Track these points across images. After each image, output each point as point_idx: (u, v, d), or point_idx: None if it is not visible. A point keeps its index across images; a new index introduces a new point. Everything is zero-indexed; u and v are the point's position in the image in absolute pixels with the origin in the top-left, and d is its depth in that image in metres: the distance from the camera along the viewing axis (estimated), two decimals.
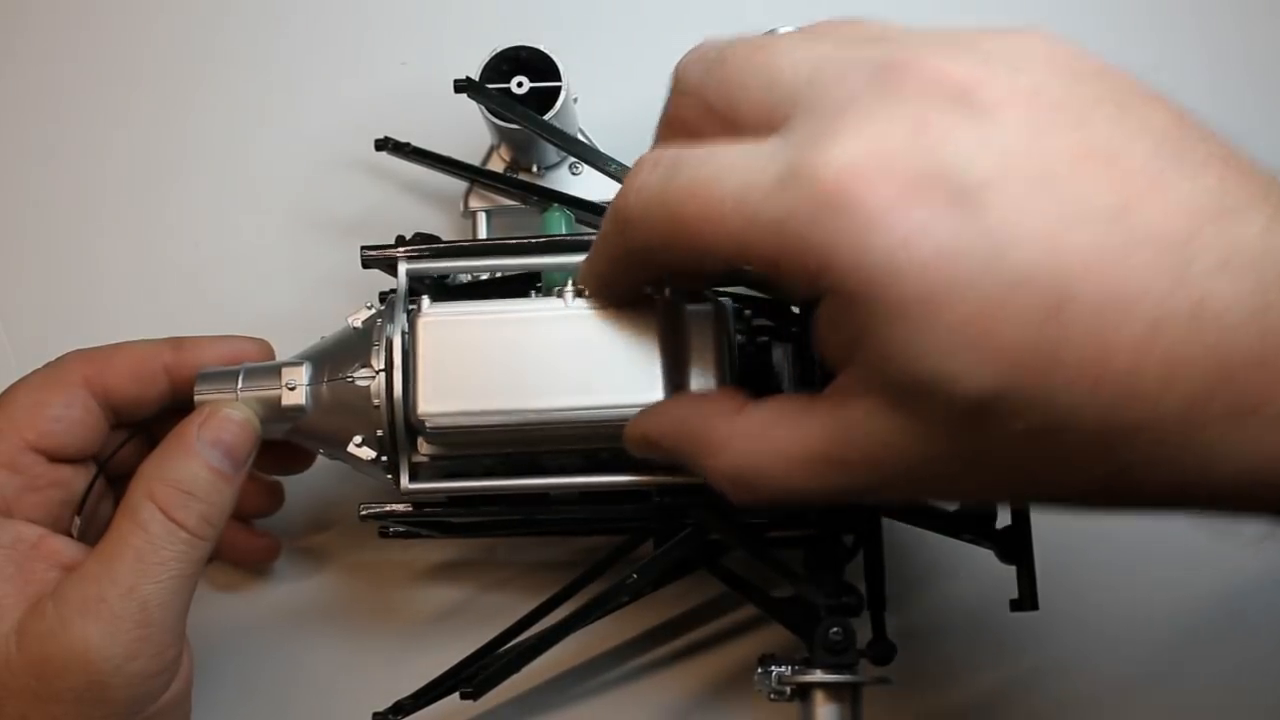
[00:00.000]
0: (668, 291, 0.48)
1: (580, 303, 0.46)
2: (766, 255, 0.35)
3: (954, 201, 0.32)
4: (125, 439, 0.50)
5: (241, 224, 0.59)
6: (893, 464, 0.35)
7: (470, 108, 0.53)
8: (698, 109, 0.39)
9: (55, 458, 0.48)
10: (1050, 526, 0.49)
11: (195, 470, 0.46)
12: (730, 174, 0.35)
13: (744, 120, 0.37)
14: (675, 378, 0.45)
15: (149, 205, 0.60)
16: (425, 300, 0.47)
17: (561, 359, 0.45)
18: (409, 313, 0.47)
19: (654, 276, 0.44)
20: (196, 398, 0.48)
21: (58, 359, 0.49)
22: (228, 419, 0.47)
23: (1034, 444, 0.33)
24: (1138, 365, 0.32)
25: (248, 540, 0.54)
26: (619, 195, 0.39)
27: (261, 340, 0.51)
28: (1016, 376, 0.32)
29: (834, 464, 0.37)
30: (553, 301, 0.46)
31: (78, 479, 0.49)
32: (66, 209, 0.60)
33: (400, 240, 0.51)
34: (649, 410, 0.43)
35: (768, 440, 0.38)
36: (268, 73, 0.61)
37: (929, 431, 0.34)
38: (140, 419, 0.50)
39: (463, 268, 0.50)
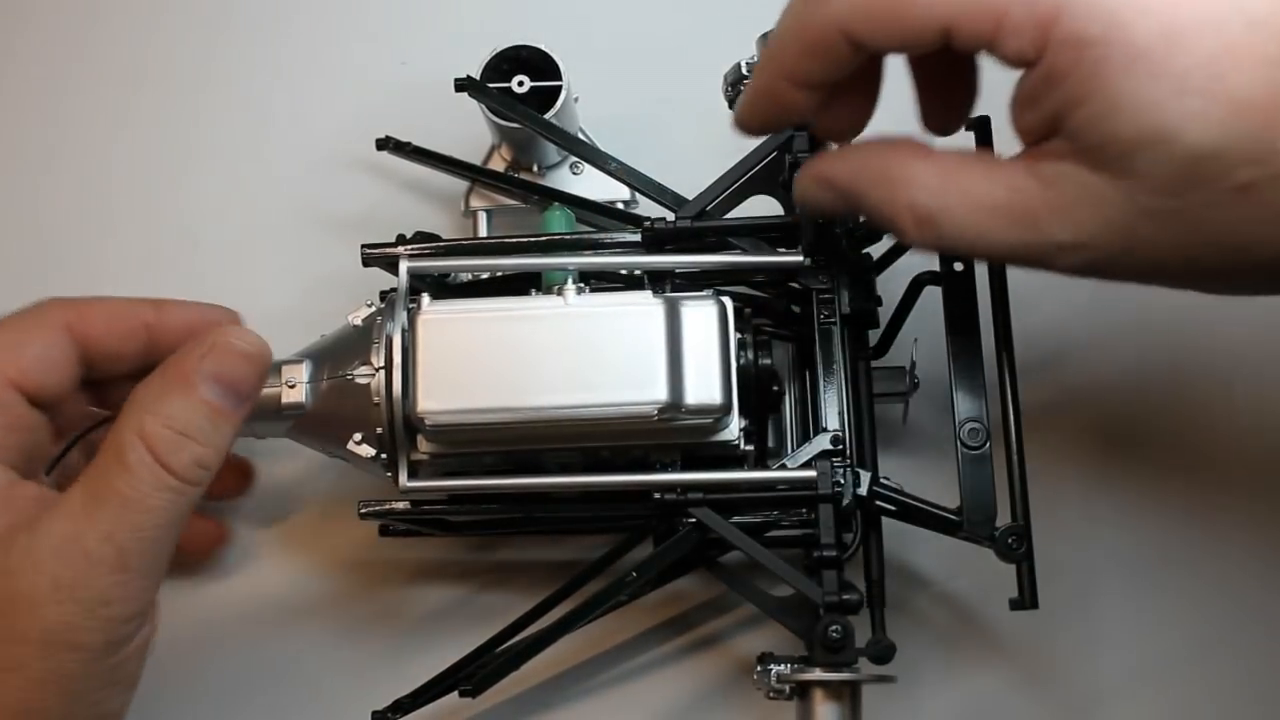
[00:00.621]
0: (668, 290, 0.48)
1: (581, 300, 0.46)
2: (993, 8, 0.34)
3: None
4: (102, 420, 0.47)
5: (242, 223, 0.59)
6: (1089, 222, 0.35)
7: (471, 107, 0.53)
8: None
9: (32, 399, 0.44)
10: (1050, 527, 0.49)
11: (192, 408, 0.42)
12: None
13: None
14: (676, 375, 0.45)
15: (149, 205, 0.60)
16: (425, 298, 0.47)
17: (562, 357, 0.45)
18: (409, 311, 0.47)
19: (831, 75, 0.39)
20: None
21: (37, 303, 0.46)
22: (234, 350, 0.43)
23: (1248, 201, 0.33)
24: None
25: (194, 525, 0.48)
26: None
27: (233, 311, 0.49)
28: (1243, 126, 0.32)
29: (1024, 217, 0.36)
30: (553, 299, 0.46)
31: (43, 429, 0.45)
32: (67, 208, 0.60)
33: (401, 239, 0.51)
34: (826, 154, 0.42)
35: (957, 182, 0.38)
36: (269, 73, 0.61)
37: (1138, 189, 0.34)
38: (111, 375, 0.47)
39: (463, 266, 0.50)
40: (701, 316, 0.46)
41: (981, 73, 0.42)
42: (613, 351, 0.45)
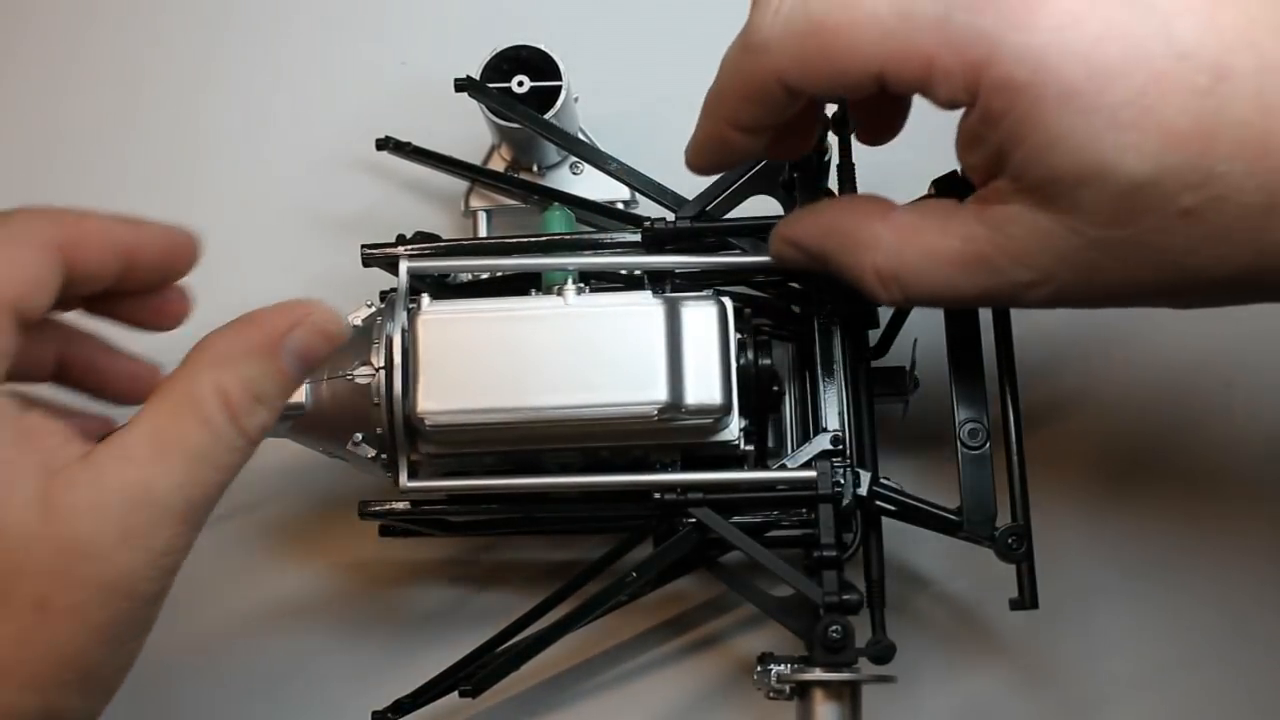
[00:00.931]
0: (668, 291, 0.48)
1: (581, 300, 0.46)
2: (922, 55, 0.35)
3: None
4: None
5: (242, 222, 0.59)
6: (1043, 260, 0.36)
7: (471, 107, 0.53)
8: None
9: (24, 324, 0.41)
10: (1050, 526, 0.49)
11: (270, 375, 0.40)
12: None
13: None
14: (676, 375, 0.45)
15: (149, 205, 0.59)
16: (425, 299, 0.47)
17: (562, 357, 0.45)
18: (409, 311, 0.47)
19: (772, 119, 0.41)
20: None
21: (19, 212, 0.43)
22: (321, 330, 0.42)
23: (1189, 223, 0.34)
24: None
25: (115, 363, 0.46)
26: (747, 28, 0.39)
27: (194, 234, 0.46)
28: (1178, 154, 0.33)
29: (982, 264, 0.38)
30: (553, 299, 0.46)
31: (11, 357, 0.41)
32: (74, 204, 0.60)
33: (401, 239, 0.51)
34: (795, 215, 0.44)
35: (917, 239, 0.39)
36: (269, 72, 0.61)
37: (1084, 223, 0.35)
38: (77, 296, 0.44)
39: (463, 267, 0.50)
40: (701, 316, 0.46)
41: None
42: (613, 351, 0.45)
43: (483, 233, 0.56)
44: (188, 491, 0.39)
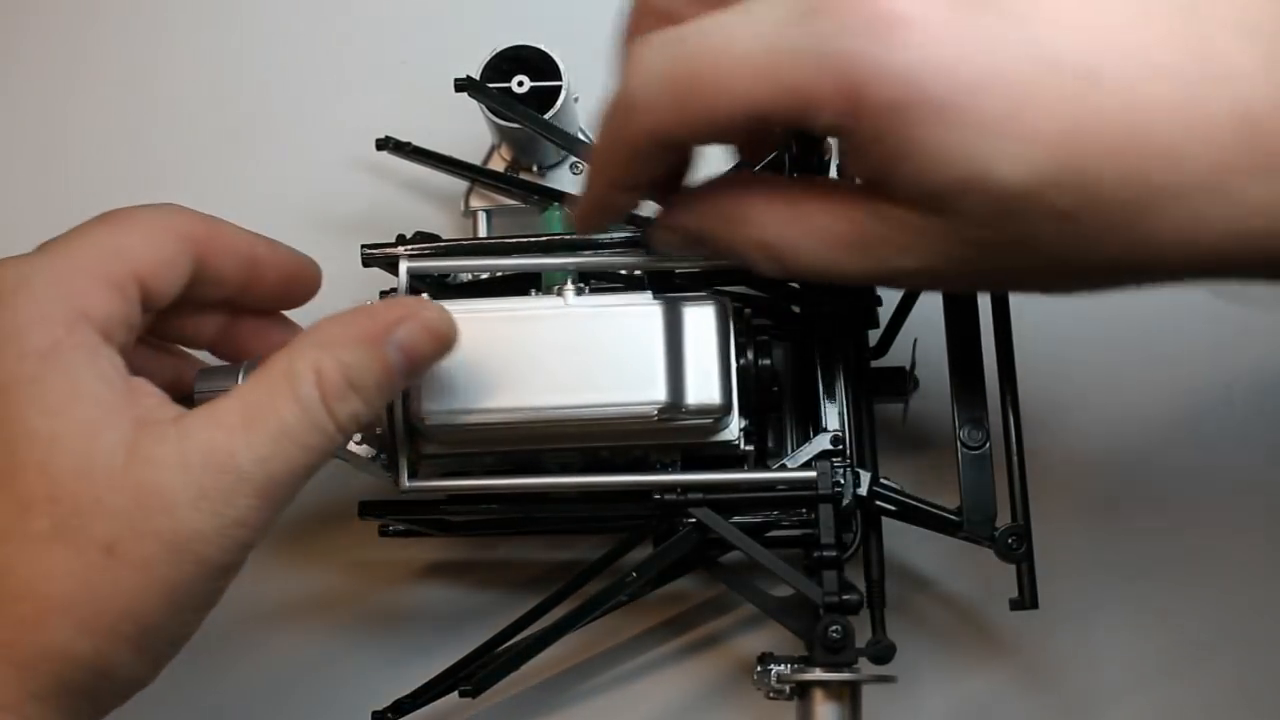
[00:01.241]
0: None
1: (581, 301, 0.46)
2: (797, 89, 0.35)
3: None
4: None
5: (241, 222, 0.58)
6: (926, 254, 0.37)
7: (471, 107, 0.53)
8: None
9: (146, 304, 0.43)
10: (1051, 526, 0.49)
11: (370, 365, 0.41)
12: (744, 26, 0.36)
13: None
14: (676, 375, 0.45)
15: (152, 201, 0.60)
16: (425, 299, 0.47)
17: (562, 357, 0.45)
18: None
19: (656, 173, 0.41)
20: (196, 396, 0.47)
21: (164, 206, 0.45)
22: (429, 326, 0.42)
23: (1065, 224, 0.35)
24: (1167, 131, 0.34)
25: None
26: (619, 88, 0.39)
27: (315, 262, 0.49)
28: (1053, 159, 0.34)
29: (867, 248, 0.38)
30: (553, 300, 0.46)
31: (135, 335, 0.43)
32: (65, 207, 0.60)
33: (401, 239, 0.51)
34: (678, 205, 0.43)
35: (800, 218, 0.40)
36: (268, 72, 0.61)
37: (966, 227, 0.36)
38: (197, 300, 0.46)
39: (464, 267, 0.50)
40: (701, 317, 0.46)
41: None
42: (613, 352, 0.45)
43: (483, 233, 0.56)
44: (269, 465, 0.39)
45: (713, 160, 0.44)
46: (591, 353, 0.45)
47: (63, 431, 0.39)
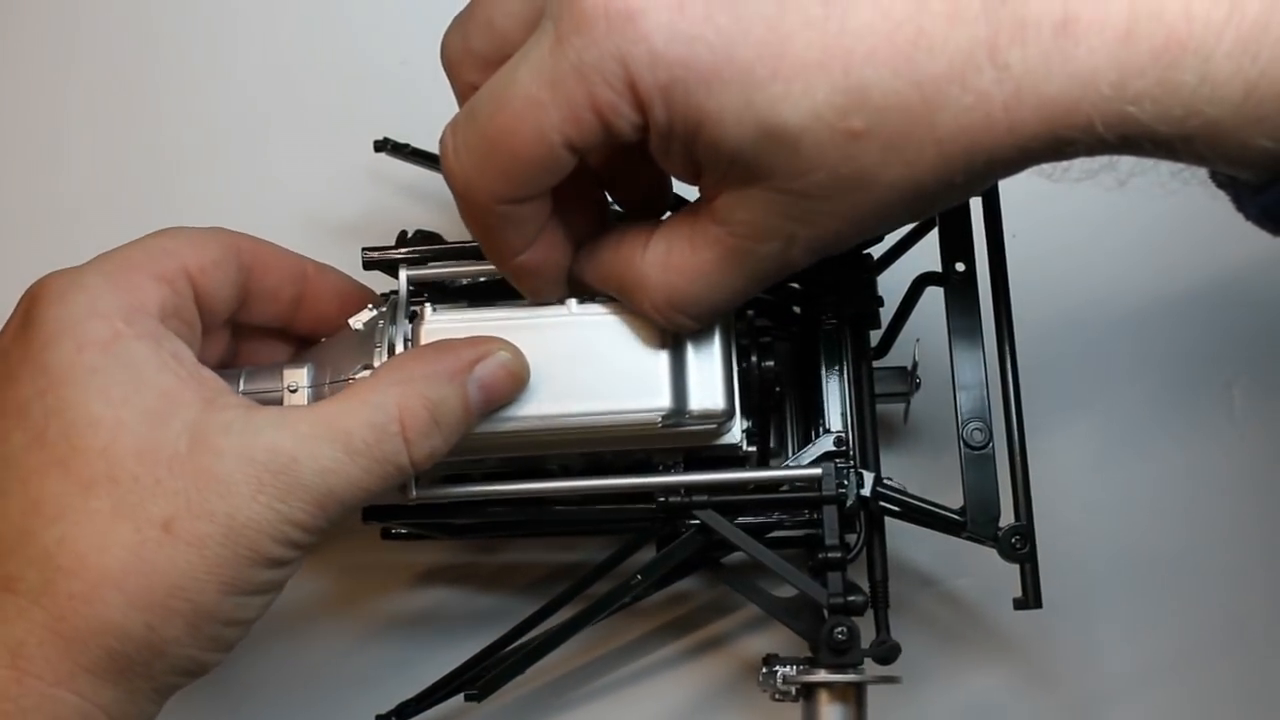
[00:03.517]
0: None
1: (584, 309, 0.46)
2: (584, 107, 0.37)
3: None
4: None
5: (240, 224, 0.58)
6: (777, 226, 0.38)
7: None
8: (474, 65, 0.42)
9: (200, 303, 0.45)
10: (1053, 526, 0.49)
11: (452, 402, 0.42)
12: (518, 71, 0.38)
13: (512, 41, 0.39)
14: (680, 382, 0.45)
15: (148, 206, 0.60)
16: (428, 308, 0.47)
17: (566, 366, 0.45)
18: (411, 317, 0.47)
19: (525, 236, 0.42)
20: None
21: (215, 227, 0.47)
22: (507, 367, 0.44)
23: (867, 142, 0.36)
24: (919, 23, 0.35)
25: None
26: (446, 177, 0.40)
27: (371, 290, 0.50)
28: (823, 85, 0.35)
29: (735, 255, 0.40)
30: (556, 308, 0.46)
31: (193, 340, 0.45)
32: (63, 208, 0.60)
33: (402, 237, 0.51)
34: (583, 259, 0.44)
35: (675, 264, 0.41)
36: (267, 73, 0.61)
37: (783, 181, 0.37)
38: (248, 321, 0.48)
39: (464, 273, 0.49)
40: None
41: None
42: (616, 360, 0.45)
43: None
44: (329, 480, 0.40)
45: None
46: (595, 361, 0.45)
47: (127, 419, 0.40)
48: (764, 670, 0.47)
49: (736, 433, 0.47)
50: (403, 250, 0.50)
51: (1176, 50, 0.34)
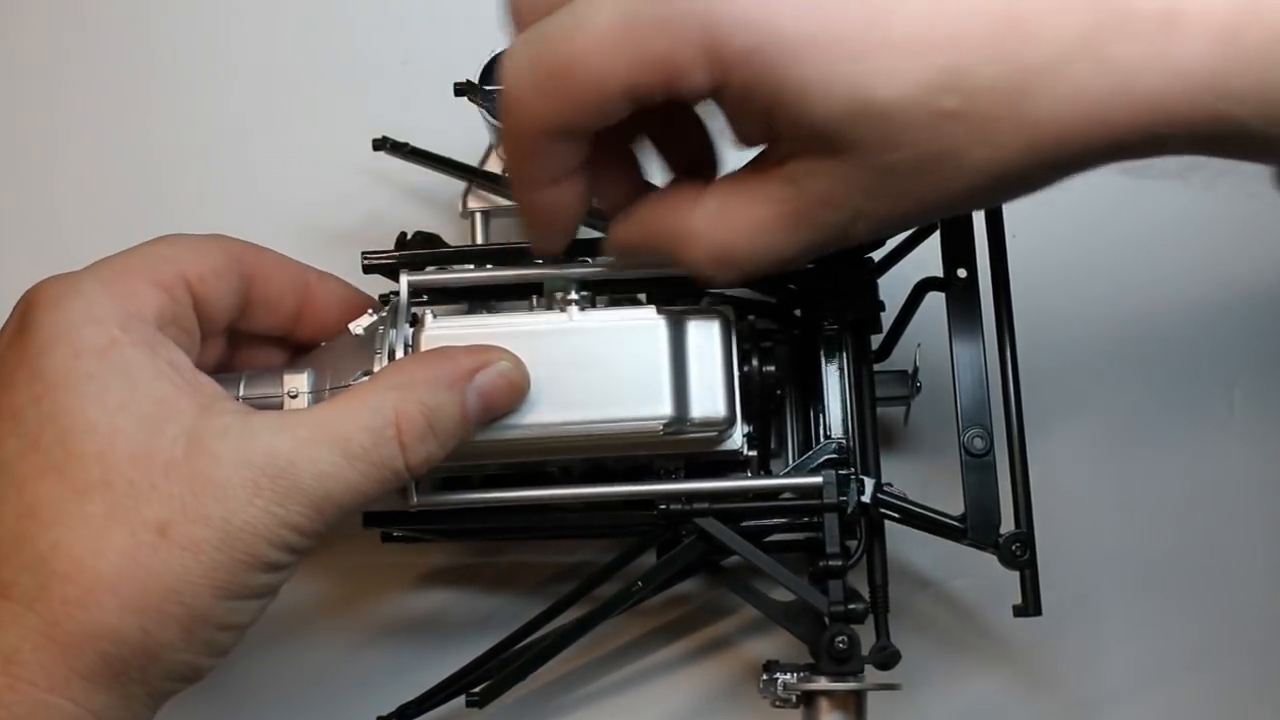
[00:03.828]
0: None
1: (585, 316, 0.46)
2: (659, 57, 0.36)
3: None
4: None
5: (239, 225, 0.58)
6: (847, 198, 0.38)
7: (470, 107, 0.53)
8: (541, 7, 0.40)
9: (200, 310, 0.45)
10: (1053, 529, 0.49)
11: (450, 409, 0.42)
12: (597, 6, 0.37)
13: None
14: (681, 390, 0.45)
15: (147, 206, 0.59)
16: (429, 314, 0.46)
17: (566, 373, 0.45)
18: (411, 322, 0.47)
19: (566, 165, 0.41)
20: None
21: (215, 235, 0.47)
22: (506, 377, 0.44)
23: (956, 124, 0.36)
24: (1027, 9, 0.35)
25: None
26: (500, 98, 0.40)
27: (372, 298, 0.50)
28: (923, 63, 0.36)
29: (798, 217, 0.39)
30: (557, 315, 0.46)
31: (190, 349, 0.45)
32: (62, 210, 0.60)
33: (401, 239, 0.51)
34: (623, 220, 0.44)
35: (728, 218, 0.40)
36: (267, 73, 0.61)
37: (865, 155, 0.37)
38: (248, 330, 0.48)
39: (464, 280, 0.49)
40: (705, 331, 0.46)
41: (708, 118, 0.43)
42: (618, 368, 0.45)
43: (480, 234, 0.55)
44: (327, 483, 0.40)
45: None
46: (596, 369, 0.45)
47: (123, 424, 0.40)
48: (764, 677, 0.48)
49: (738, 438, 0.47)
50: (403, 254, 0.50)
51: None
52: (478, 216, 0.56)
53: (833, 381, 0.49)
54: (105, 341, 0.41)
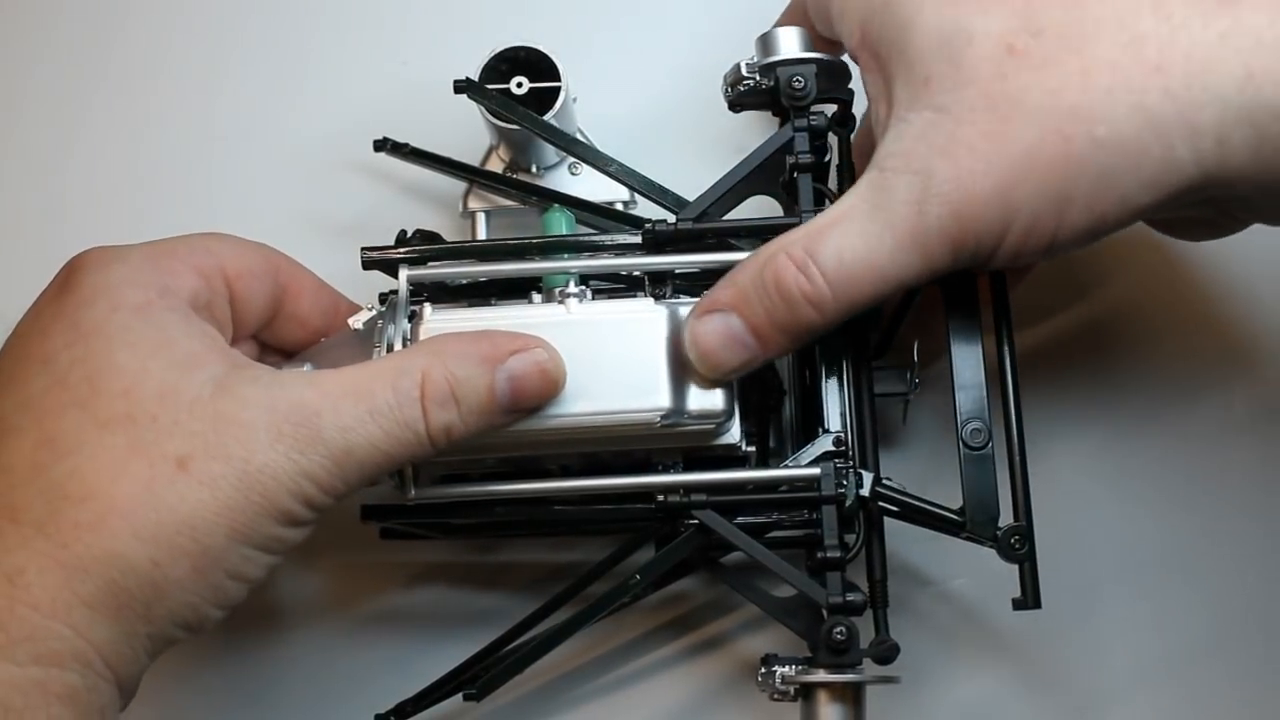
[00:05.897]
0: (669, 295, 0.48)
1: (583, 309, 0.46)
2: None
3: None
4: None
5: (240, 225, 0.58)
6: (918, 155, 0.41)
7: (470, 107, 0.53)
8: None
9: (234, 307, 0.46)
10: (1052, 526, 0.49)
11: (478, 384, 0.43)
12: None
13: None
14: (679, 382, 0.45)
15: (147, 207, 0.60)
16: (428, 307, 0.47)
17: (565, 366, 0.45)
18: (411, 317, 0.47)
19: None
20: None
21: (259, 242, 0.48)
22: (541, 366, 0.44)
23: (1019, 59, 0.40)
24: None
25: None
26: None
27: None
28: (1011, 14, 0.41)
29: (876, 196, 0.42)
30: (555, 308, 0.46)
31: (224, 322, 0.46)
32: (62, 210, 0.60)
33: (401, 237, 0.51)
34: (715, 290, 0.45)
35: (819, 219, 0.44)
36: (267, 72, 0.61)
37: (936, 92, 0.41)
38: (272, 344, 0.49)
39: (463, 274, 0.49)
40: None
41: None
42: (615, 360, 0.45)
43: (481, 234, 0.55)
44: (350, 436, 0.41)
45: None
46: (594, 362, 0.45)
47: (153, 368, 0.41)
48: (762, 670, 0.47)
49: (736, 432, 0.47)
50: (402, 250, 0.50)
51: None
52: (478, 216, 0.56)
53: (831, 377, 0.49)
54: (143, 301, 0.42)
